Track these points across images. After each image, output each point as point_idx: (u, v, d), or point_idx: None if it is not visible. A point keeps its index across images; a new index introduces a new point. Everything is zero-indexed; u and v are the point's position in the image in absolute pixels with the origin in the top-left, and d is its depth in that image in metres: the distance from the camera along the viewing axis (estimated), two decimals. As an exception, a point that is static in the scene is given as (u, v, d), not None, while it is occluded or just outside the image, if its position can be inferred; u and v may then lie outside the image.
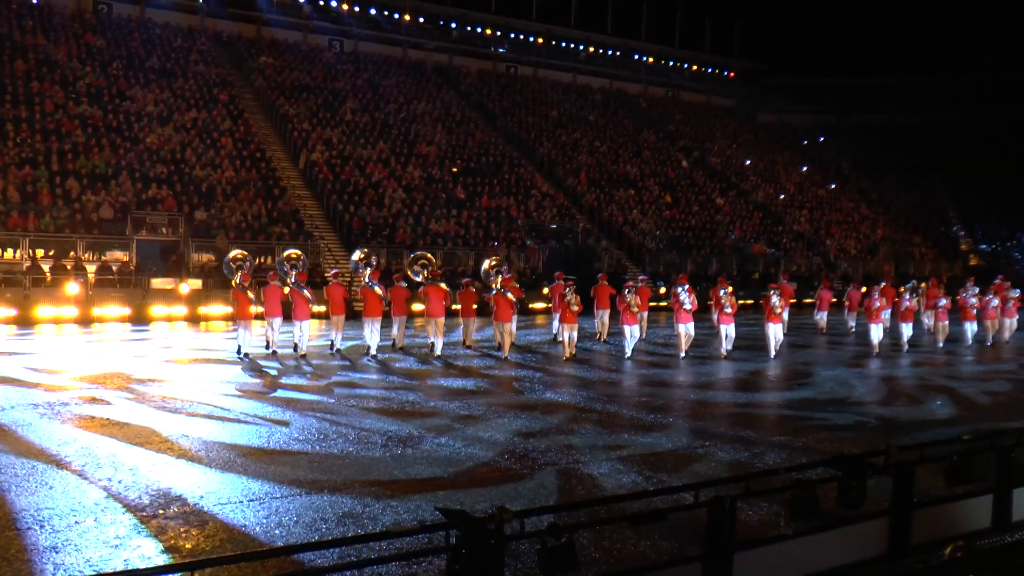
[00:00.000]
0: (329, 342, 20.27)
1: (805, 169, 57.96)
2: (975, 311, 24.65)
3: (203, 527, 7.93)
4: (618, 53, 60.96)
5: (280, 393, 14.56)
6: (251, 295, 19.17)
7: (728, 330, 20.14)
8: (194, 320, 25.55)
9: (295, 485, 9.28)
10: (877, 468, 7.80)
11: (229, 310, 26.20)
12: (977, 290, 25.68)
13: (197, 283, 26.82)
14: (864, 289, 26.55)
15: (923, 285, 27.15)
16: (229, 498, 8.77)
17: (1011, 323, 25.53)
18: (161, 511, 8.30)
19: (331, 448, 10.87)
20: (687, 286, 20.45)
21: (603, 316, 23.52)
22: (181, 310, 25.78)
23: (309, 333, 19.56)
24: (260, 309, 19.95)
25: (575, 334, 19.64)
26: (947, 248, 54.10)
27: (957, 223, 58.09)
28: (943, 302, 24.44)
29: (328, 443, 11.12)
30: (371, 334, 19.44)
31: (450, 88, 50.32)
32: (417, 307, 24.58)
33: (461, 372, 17.71)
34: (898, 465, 7.90)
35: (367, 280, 20.28)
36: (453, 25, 54.49)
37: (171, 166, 32.11)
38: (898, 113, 64.30)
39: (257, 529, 7.93)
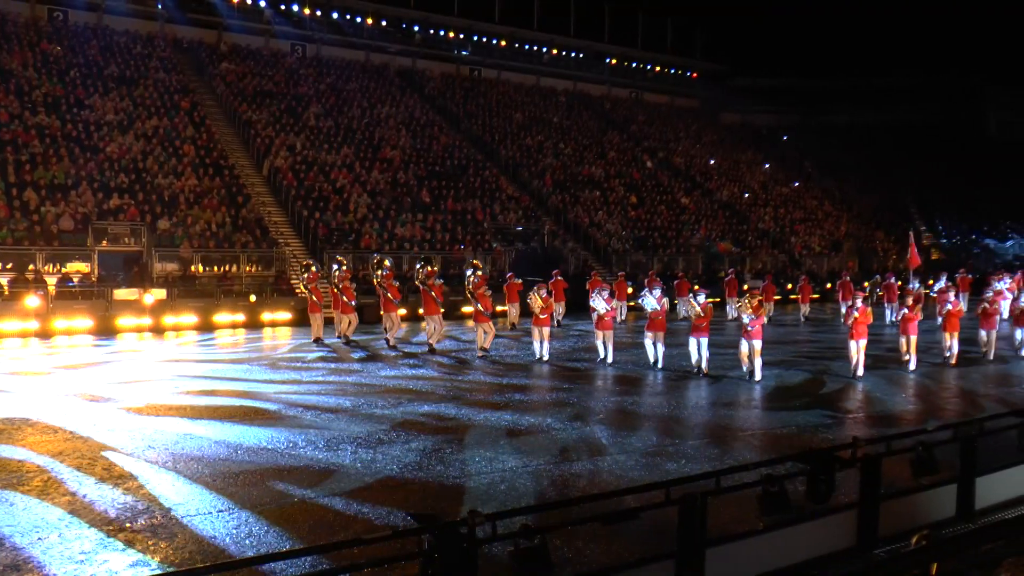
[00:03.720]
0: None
1: (768, 167, 58.40)
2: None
3: (172, 539, 7.84)
4: (581, 55, 61.09)
5: (252, 400, 14.43)
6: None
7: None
8: (159, 331, 25.21)
9: (265, 494, 9.19)
10: (845, 461, 7.88)
11: (195, 319, 26.05)
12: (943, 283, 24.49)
13: (161, 293, 26.49)
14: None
15: (878, 279, 27.03)
16: (198, 509, 8.68)
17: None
18: (128, 524, 8.20)
19: (302, 455, 10.78)
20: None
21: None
22: (146, 321, 25.42)
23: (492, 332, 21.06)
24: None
25: (546, 336, 19.61)
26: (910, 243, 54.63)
27: (919, 219, 58.83)
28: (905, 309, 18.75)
29: (297, 450, 11.04)
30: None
31: (414, 92, 50.16)
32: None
33: (455, 368, 17.70)
34: (865, 458, 7.98)
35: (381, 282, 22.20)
36: (416, 28, 54.29)
37: (132, 175, 31.69)
38: (859, 113, 65.04)
39: (227, 540, 7.86)
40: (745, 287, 29.91)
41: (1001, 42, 61.41)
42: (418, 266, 23.20)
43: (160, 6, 45.02)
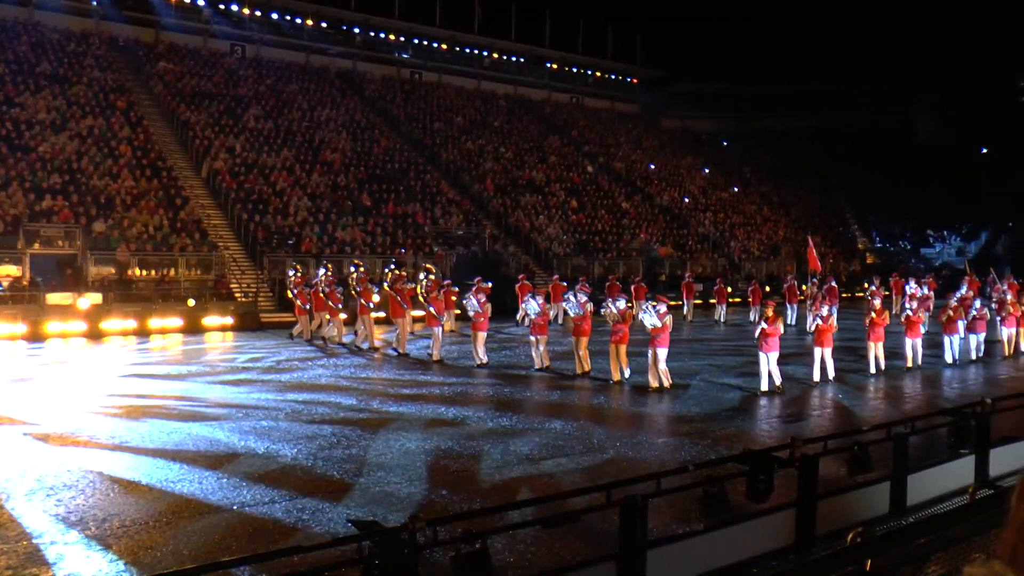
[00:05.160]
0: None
1: (707, 171, 59.14)
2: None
3: (107, 552, 7.66)
4: (522, 59, 61.28)
5: (186, 406, 14.20)
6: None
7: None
8: (94, 336, 24.62)
9: (203, 503, 9.06)
10: (783, 461, 8.02)
11: (132, 324, 25.48)
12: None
13: (97, 297, 25.90)
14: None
15: (814, 282, 27.59)
16: (135, 520, 8.50)
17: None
18: (60, 537, 7.99)
19: (239, 465, 10.65)
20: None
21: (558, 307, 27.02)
22: (80, 326, 24.79)
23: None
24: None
25: (481, 340, 19.58)
26: (846, 247, 55.92)
27: (854, 223, 60.15)
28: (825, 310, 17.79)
29: (236, 459, 10.90)
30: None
31: (354, 94, 49.86)
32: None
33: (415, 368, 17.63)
34: (803, 458, 8.13)
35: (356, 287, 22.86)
36: (356, 30, 53.99)
37: (66, 176, 30.96)
38: (795, 118, 66.17)
39: (165, 550, 7.71)
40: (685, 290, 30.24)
41: (929, 50, 62.89)
42: (387, 270, 24.18)
43: (95, 3, 44.08)
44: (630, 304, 18.02)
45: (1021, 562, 1.98)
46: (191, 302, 27.04)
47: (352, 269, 24.61)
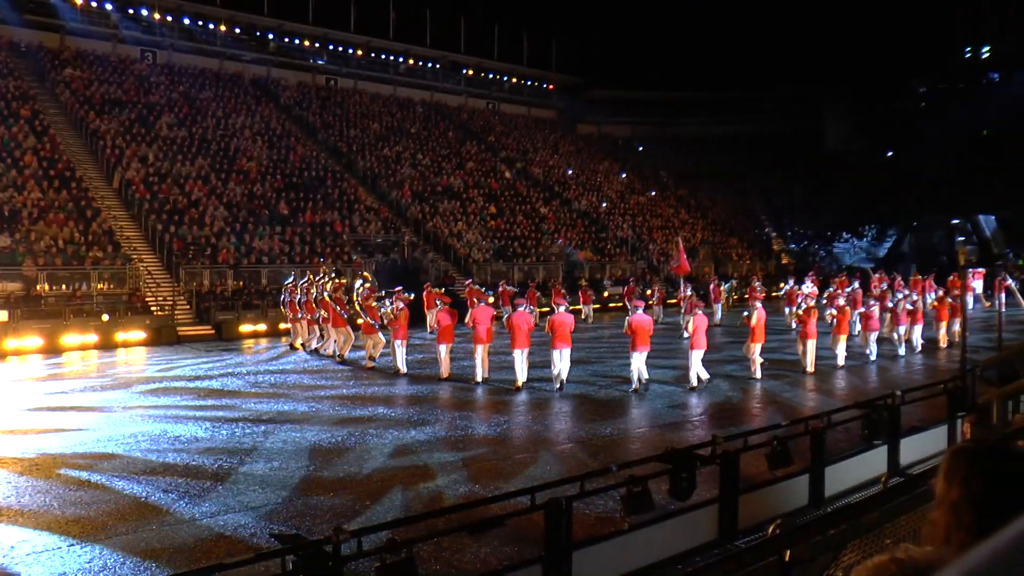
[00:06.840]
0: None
1: (624, 176, 59.86)
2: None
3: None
4: (437, 66, 61.23)
5: (100, 422, 13.81)
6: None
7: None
8: (-1, 354, 23.71)
9: (119, 523, 8.83)
10: (705, 459, 8.17)
11: (40, 342, 24.62)
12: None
13: (2, 315, 24.97)
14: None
15: (734, 284, 28.00)
16: (46, 544, 8.19)
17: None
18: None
19: (157, 481, 10.41)
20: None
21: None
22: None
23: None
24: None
25: (404, 349, 19.50)
26: (761, 249, 57.20)
27: (768, 225, 61.54)
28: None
29: (155, 473, 10.64)
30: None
31: (269, 101, 49.19)
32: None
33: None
34: (723, 455, 8.30)
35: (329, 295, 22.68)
36: (270, 36, 53.22)
37: (-34, 189, 29.94)
38: (709, 124, 67.46)
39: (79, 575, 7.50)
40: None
41: (837, 58, 64.67)
42: (326, 279, 24.18)
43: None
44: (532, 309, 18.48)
45: (955, 543, 1.92)
46: (105, 317, 26.30)
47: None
